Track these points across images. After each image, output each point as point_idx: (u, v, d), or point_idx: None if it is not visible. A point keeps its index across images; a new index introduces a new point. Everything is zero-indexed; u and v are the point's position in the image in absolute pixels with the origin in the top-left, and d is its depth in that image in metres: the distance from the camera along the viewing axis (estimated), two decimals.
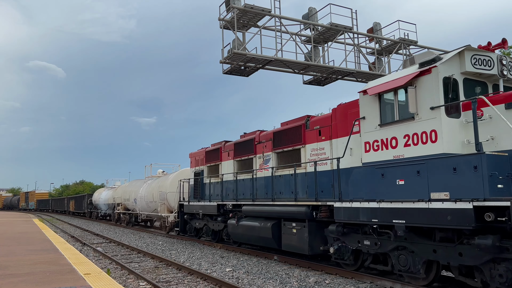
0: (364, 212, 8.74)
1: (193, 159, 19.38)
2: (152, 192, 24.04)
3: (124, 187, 32.74)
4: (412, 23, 19.25)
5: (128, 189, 30.44)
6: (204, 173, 17.80)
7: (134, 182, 30.89)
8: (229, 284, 8.70)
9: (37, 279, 7.04)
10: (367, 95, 9.32)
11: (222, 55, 15.58)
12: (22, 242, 13.59)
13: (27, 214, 51.52)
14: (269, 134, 13.62)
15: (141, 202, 26.13)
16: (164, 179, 23.55)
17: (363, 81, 19.10)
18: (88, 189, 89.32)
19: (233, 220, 14.13)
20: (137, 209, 27.51)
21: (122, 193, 31.72)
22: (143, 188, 26.14)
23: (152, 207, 24.24)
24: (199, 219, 17.63)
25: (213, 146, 17.85)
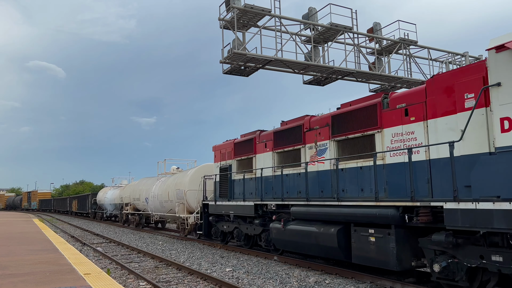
0: (506, 215, 6.13)
1: (217, 152, 17.08)
2: (168, 191, 21.61)
3: (133, 185, 29.70)
4: (412, 23, 19.28)
5: (138, 188, 27.53)
6: (233, 168, 15.60)
7: (144, 180, 27.83)
8: (229, 284, 8.70)
9: (37, 279, 7.04)
10: (506, 52, 6.60)
11: (222, 55, 15.58)
12: (22, 242, 13.59)
13: (27, 214, 51.15)
14: (325, 118, 11.18)
15: (154, 201, 23.66)
16: (181, 175, 20.99)
17: (363, 81, 19.11)
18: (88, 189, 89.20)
19: (278, 223, 11.78)
20: (149, 210, 24.88)
21: (131, 192, 28.91)
22: (156, 186, 23.55)
23: (167, 207, 21.96)
24: (228, 222, 15.41)
25: (244, 136, 15.65)
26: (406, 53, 19.51)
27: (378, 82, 19.57)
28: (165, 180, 22.96)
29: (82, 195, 49.36)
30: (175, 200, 20.32)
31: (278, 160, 13.14)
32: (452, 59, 21.92)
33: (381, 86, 19.86)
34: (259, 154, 14.09)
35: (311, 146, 11.60)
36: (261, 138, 14.22)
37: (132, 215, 28.62)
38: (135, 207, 28.47)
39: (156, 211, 23.70)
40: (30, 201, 78.65)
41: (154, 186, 24.03)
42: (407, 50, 19.53)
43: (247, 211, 13.67)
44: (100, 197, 38.67)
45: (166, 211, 22.22)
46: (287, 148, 12.66)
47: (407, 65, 19.53)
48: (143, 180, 28.27)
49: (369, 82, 19.40)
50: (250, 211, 13.51)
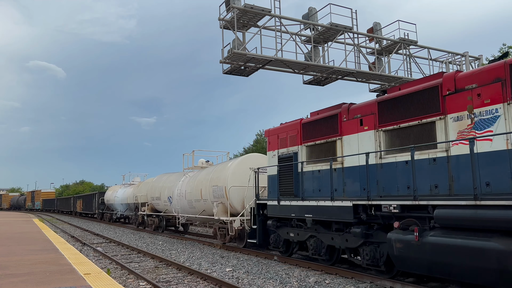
0: None
1: (273, 138, 13.32)
2: (200, 188, 17.80)
3: (150, 182, 25.19)
4: (412, 23, 19.29)
5: (157, 185, 23.48)
6: (300, 156, 11.82)
7: (165, 176, 23.84)
8: (229, 284, 8.70)
9: (37, 279, 7.03)
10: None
11: (222, 55, 15.59)
12: (22, 242, 13.59)
13: (27, 214, 50.96)
14: (495, 69, 7.30)
15: (180, 201, 19.92)
16: (219, 169, 17.06)
17: (363, 81, 19.11)
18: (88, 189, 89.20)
19: (406, 234, 8.00)
20: (173, 210, 20.90)
21: (148, 190, 24.60)
22: (183, 183, 19.84)
23: (198, 207, 18.14)
24: (297, 228, 11.67)
25: (317, 114, 11.73)
26: (406, 53, 19.51)
27: (378, 82, 19.58)
28: (195, 175, 19.33)
29: (87, 194, 45.55)
30: (211, 199, 16.71)
31: (388, 141, 9.26)
32: (452, 59, 21.92)
33: (381, 86, 19.87)
34: (349, 135, 10.29)
35: (459, 116, 7.79)
36: (352, 112, 10.38)
37: (150, 216, 24.47)
38: (153, 207, 24.29)
39: (183, 213, 19.83)
40: (34, 201, 76.24)
41: (180, 183, 20.26)
42: (407, 50, 19.54)
43: (341, 215, 9.70)
44: (109, 197, 34.99)
45: (198, 213, 18.44)
46: (408, 123, 8.79)
47: (407, 65, 19.54)
48: (163, 176, 24.11)
49: (369, 82, 19.41)
50: (345, 214, 9.55)
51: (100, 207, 37.72)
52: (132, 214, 28.83)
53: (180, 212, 20.01)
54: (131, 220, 29.80)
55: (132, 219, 29.02)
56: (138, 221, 26.64)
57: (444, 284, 8.63)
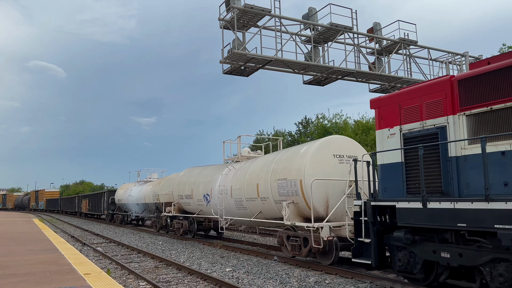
0: None
1: (389, 109, 9.00)
2: (255, 182, 13.54)
3: (177, 178, 21.04)
4: (412, 23, 19.31)
5: (188, 181, 19.22)
6: (455, 132, 7.66)
7: (197, 170, 19.50)
8: (229, 284, 8.70)
9: (37, 279, 7.03)
10: None
11: (222, 55, 15.59)
12: (22, 242, 13.59)
13: (27, 214, 50.78)
14: None
15: (223, 200, 15.49)
16: (287, 156, 12.55)
17: (363, 81, 19.12)
18: (88, 189, 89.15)
19: None
20: (211, 212, 16.73)
21: (175, 187, 20.43)
22: (227, 177, 15.66)
23: (252, 208, 13.89)
24: (460, 246, 7.27)
25: (488, 63, 7.54)
26: (406, 53, 19.52)
27: (378, 82, 19.59)
28: (243, 166, 14.94)
29: (94, 194, 41.10)
30: (275, 198, 12.48)
31: None
32: (452, 59, 21.93)
33: (381, 86, 19.88)
34: None
35: None
36: None
37: (177, 219, 20.35)
38: (181, 207, 20.16)
39: (228, 214, 15.37)
40: (38, 201, 73.37)
41: (221, 177, 16.08)
42: (407, 50, 19.55)
43: None
44: (121, 196, 30.95)
45: (251, 215, 14.00)
46: None
47: (407, 65, 19.55)
48: (193, 170, 19.88)
49: (369, 82, 19.42)
50: None
51: (110, 208, 33.93)
52: (152, 216, 24.44)
53: (224, 214, 15.37)
54: (151, 222, 25.34)
55: (152, 221, 24.79)
56: (160, 224, 22.68)
57: None
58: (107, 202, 34.33)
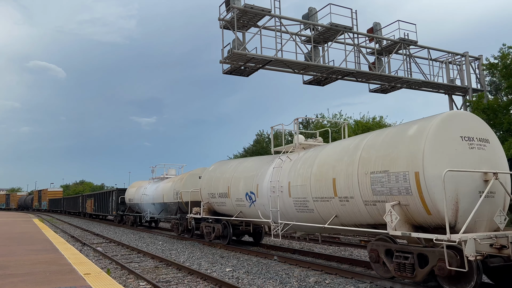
0: None
1: None
2: (330, 176, 9.99)
3: (206, 173, 17.37)
4: (412, 23, 19.35)
5: (221, 176, 15.89)
6: None
7: (233, 163, 16.12)
8: (229, 284, 8.70)
9: (37, 279, 7.04)
10: None
11: (222, 55, 15.60)
12: (22, 242, 13.59)
13: (27, 214, 50.56)
14: None
15: (278, 199, 11.94)
16: (389, 138, 8.85)
17: (363, 81, 19.14)
18: (88, 189, 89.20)
19: None
20: (259, 214, 13.19)
21: (204, 184, 16.92)
22: (281, 170, 12.10)
23: (323, 211, 10.30)
24: None
25: None
26: (406, 53, 19.53)
27: (378, 82, 19.60)
28: (307, 157, 11.26)
29: (101, 193, 37.94)
30: (367, 198, 8.87)
31: None
32: (452, 59, 21.94)
33: (381, 86, 19.89)
34: None
35: None
36: None
37: (206, 221, 17.04)
38: (211, 208, 16.64)
39: (285, 218, 11.94)
40: (41, 201, 71.41)
41: (271, 170, 12.70)
42: (407, 50, 19.56)
43: None
44: (132, 194, 27.90)
45: (321, 220, 10.49)
46: None
47: (407, 65, 19.57)
48: (227, 163, 16.62)
49: (369, 82, 19.43)
50: None
51: (120, 208, 30.66)
52: (174, 217, 20.98)
53: (280, 218, 11.97)
54: (171, 225, 21.67)
55: (173, 223, 21.22)
56: (183, 227, 19.74)
57: None
58: (116, 201, 31.00)
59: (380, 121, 33.41)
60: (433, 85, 20.99)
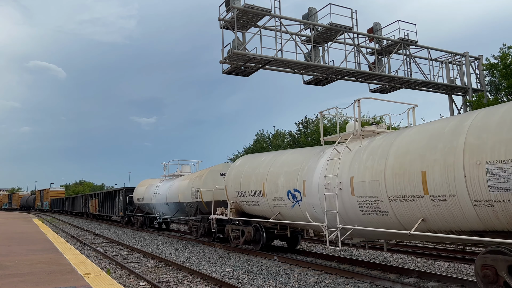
0: None
1: None
2: (420, 169, 7.78)
3: (232, 169, 15.07)
4: (412, 23, 19.36)
5: (253, 171, 13.62)
6: None
7: (267, 156, 13.84)
8: (229, 284, 8.70)
9: (37, 279, 7.04)
10: None
11: (222, 55, 15.60)
12: (22, 242, 13.59)
13: (27, 214, 50.38)
14: None
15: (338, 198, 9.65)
16: None
17: (363, 81, 19.14)
18: (88, 189, 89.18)
19: None
20: (307, 216, 10.89)
21: (231, 181, 14.63)
22: (339, 163, 9.87)
23: (403, 213, 8.19)
24: None
25: None
26: (406, 53, 19.53)
27: (378, 82, 19.61)
28: (377, 146, 9.19)
29: (106, 192, 35.72)
30: (480, 196, 6.74)
31: None
32: (452, 59, 21.94)
33: (381, 86, 19.89)
34: None
35: None
36: None
37: (232, 223, 14.95)
38: (239, 208, 14.44)
39: (344, 222, 9.69)
40: (43, 201, 69.88)
41: (325, 164, 10.39)
42: (407, 50, 19.56)
43: None
44: (141, 194, 25.81)
45: (399, 225, 8.49)
46: None
47: (407, 65, 19.57)
48: (259, 157, 14.32)
49: (369, 82, 19.43)
50: None
51: (128, 209, 28.58)
52: (192, 218, 18.64)
53: (340, 221, 9.63)
54: (189, 227, 19.37)
55: (191, 225, 19.01)
56: (203, 229, 17.46)
57: (444, 284, 8.64)
58: (123, 201, 28.89)
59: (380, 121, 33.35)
60: (433, 85, 21.00)
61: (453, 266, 10.91)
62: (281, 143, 40.01)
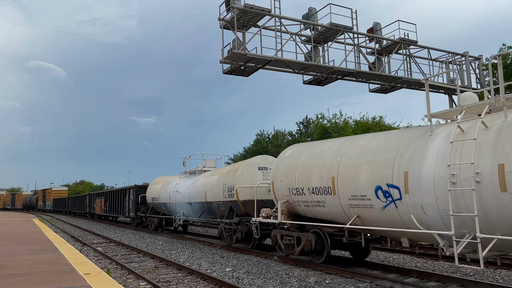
0: None
1: None
2: None
3: (281, 161, 12.27)
4: (412, 23, 19.35)
5: (314, 162, 10.82)
6: None
7: (331, 144, 10.96)
8: (229, 284, 8.70)
9: (37, 279, 7.03)
10: None
11: (222, 55, 15.59)
12: (22, 242, 13.59)
13: (27, 214, 50.28)
14: None
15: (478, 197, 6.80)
16: None
17: (363, 81, 19.13)
18: (88, 189, 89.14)
19: None
20: (413, 220, 7.98)
21: (280, 175, 11.94)
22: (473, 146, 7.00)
23: None
24: None
25: None
26: (406, 53, 19.53)
27: (378, 82, 19.60)
28: None
29: (114, 190, 32.68)
30: None
31: None
32: (452, 59, 21.94)
33: (381, 86, 19.89)
34: None
35: None
36: None
37: (282, 228, 12.24)
38: (292, 210, 11.64)
39: (485, 229, 6.84)
40: (45, 201, 68.10)
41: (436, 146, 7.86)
42: (407, 50, 19.56)
43: None
44: (157, 192, 23.25)
45: None
46: None
47: (407, 65, 19.56)
48: (317, 145, 11.53)
49: (369, 82, 19.43)
50: None
51: (140, 209, 26.04)
52: (228, 221, 15.54)
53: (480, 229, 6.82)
54: (220, 231, 16.14)
55: (222, 230, 15.89)
56: (240, 234, 14.60)
57: (444, 283, 8.64)
58: (135, 201, 26.30)
59: (380, 121, 33.37)
60: (433, 85, 20.98)
61: (453, 266, 10.92)
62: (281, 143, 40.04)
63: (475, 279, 9.10)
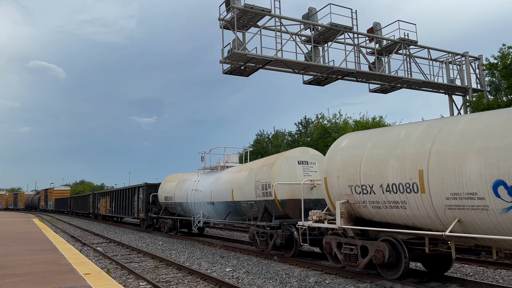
0: None
1: None
2: None
3: (337, 152, 9.79)
4: (412, 23, 19.38)
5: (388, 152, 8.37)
6: None
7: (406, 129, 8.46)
8: (229, 284, 8.70)
9: (37, 279, 7.04)
10: None
11: (222, 55, 15.60)
12: (22, 242, 13.59)
13: (27, 214, 50.26)
14: None
15: None
16: None
17: (363, 81, 19.14)
18: (88, 189, 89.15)
19: None
20: None
21: (337, 171, 9.53)
22: None
23: None
24: None
25: None
26: (406, 53, 19.54)
27: (378, 82, 19.61)
28: None
29: (121, 189, 30.05)
30: None
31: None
32: (452, 59, 21.95)
33: (381, 86, 19.90)
34: None
35: None
36: None
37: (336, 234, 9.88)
38: (353, 212, 9.41)
39: None
40: (47, 201, 66.15)
41: None
42: (407, 50, 19.57)
43: None
44: (171, 191, 21.04)
45: None
46: None
47: (407, 65, 19.58)
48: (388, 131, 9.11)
49: (369, 82, 19.44)
50: None
51: (151, 209, 23.73)
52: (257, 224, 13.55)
53: None
54: (251, 235, 13.97)
55: (253, 233, 13.84)
56: (280, 240, 12.27)
57: (444, 284, 8.64)
58: (145, 201, 24.00)
59: (380, 121, 33.38)
60: (433, 85, 21.00)
61: (453, 266, 10.92)
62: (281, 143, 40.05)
63: (475, 279, 9.10)
